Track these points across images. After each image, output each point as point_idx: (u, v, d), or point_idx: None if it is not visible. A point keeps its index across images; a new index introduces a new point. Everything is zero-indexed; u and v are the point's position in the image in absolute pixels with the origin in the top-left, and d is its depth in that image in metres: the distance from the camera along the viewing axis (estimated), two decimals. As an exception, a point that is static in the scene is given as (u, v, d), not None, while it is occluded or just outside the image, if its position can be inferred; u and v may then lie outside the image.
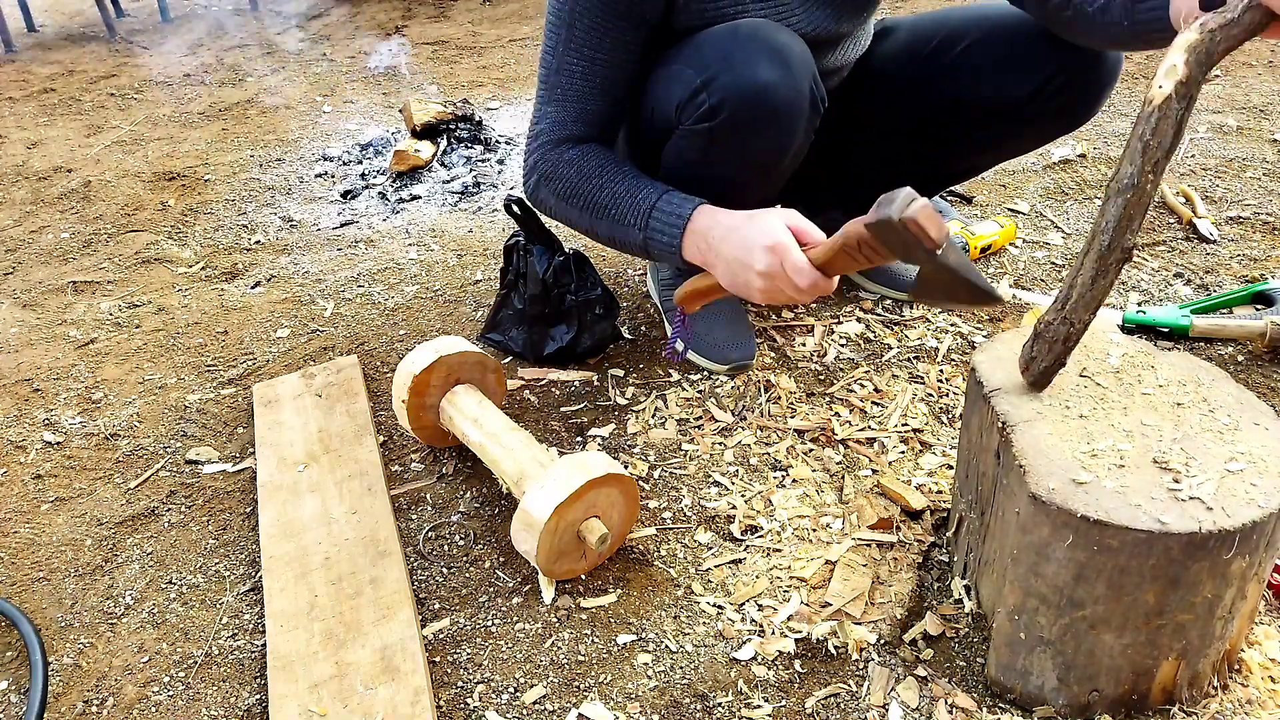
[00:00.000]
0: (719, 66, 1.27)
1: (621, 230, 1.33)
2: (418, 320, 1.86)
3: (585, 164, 1.36)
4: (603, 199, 1.33)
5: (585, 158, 1.37)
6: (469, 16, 4.21)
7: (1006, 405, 1.01)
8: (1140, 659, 0.95)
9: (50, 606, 1.26)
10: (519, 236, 1.64)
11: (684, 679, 1.09)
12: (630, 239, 1.33)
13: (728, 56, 1.27)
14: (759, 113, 1.28)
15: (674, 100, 1.33)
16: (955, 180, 1.86)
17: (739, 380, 1.58)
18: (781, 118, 1.30)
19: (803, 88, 1.29)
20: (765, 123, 1.29)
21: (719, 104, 1.28)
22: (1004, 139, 1.61)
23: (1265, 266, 1.84)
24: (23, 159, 2.87)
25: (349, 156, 2.71)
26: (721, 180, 1.36)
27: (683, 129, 1.34)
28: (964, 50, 1.53)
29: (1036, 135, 1.59)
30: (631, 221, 1.30)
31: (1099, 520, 0.87)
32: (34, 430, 1.62)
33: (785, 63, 1.27)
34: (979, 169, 1.78)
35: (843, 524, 1.28)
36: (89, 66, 3.81)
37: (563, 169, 1.37)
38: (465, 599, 1.22)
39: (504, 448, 1.29)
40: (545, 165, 1.39)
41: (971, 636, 1.10)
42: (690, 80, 1.30)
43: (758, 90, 1.26)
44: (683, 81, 1.31)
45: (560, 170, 1.37)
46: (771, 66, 1.26)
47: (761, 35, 1.27)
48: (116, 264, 2.19)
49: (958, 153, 1.67)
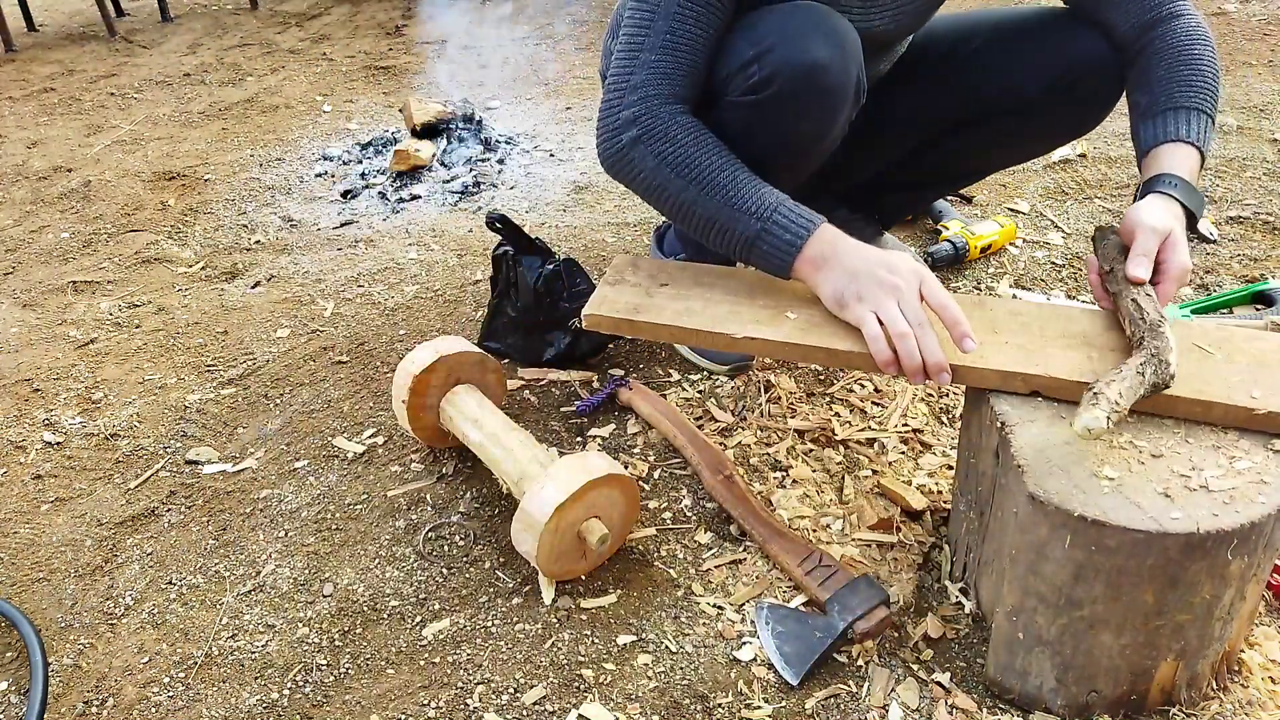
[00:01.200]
0: (774, 39, 1.25)
1: (732, 215, 1.20)
2: (418, 320, 1.86)
3: (704, 136, 1.23)
4: (722, 179, 1.22)
5: (703, 130, 1.24)
6: (469, 16, 4.20)
7: (1006, 405, 1.02)
8: (1139, 659, 0.95)
9: (50, 607, 1.26)
10: (506, 247, 1.64)
11: (684, 679, 1.09)
12: (740, 226, 1.20)
13: (783, 31, 1.25)
14: (809, 90, 1.26)
15: (723, 71, 1.30)
16: (961, 182, 1.86)
17: (739, 380, 1.58)
18: (829, 99, 1.28)
19: (852, 72, 1.28)
20: (813, 101, 1.28)
21: (770, 77, 1.26)
22: (1011, 141, 1.60)
23: (1265, 266, 1.84)
24: (23, 159, 2.88)
25: (349, 156, 2.71)
26: (755, 160, 1.35)
27: (728, 100, 1.31)
28: (975, 50, 1.53)
29: (1044, 138, 1.59)
30: (753, 209, 1.19)
31: (1097, 520, 0.87)
32: (34, 430, 1.62)
33: (839, 45, 1.26)
34: (985, 171, 1.78)
35: (843, 524, 1.28)
36: (89, 66, 3.81)
37: (677, 131, 1.22)
38: (465, 599, 1.22)
39: (504, 448, 1.29)
40: (652, 121, 1.23)
41: (971, 637, 1.11)
42: (743, 52, 1.27)
43: (811, 67, 1.24)
44: (735, 53, 1.29)
45: (674, 132, 1.23)
46: (826, 46, 1.25)
47: (818, 16, 1.26)
48: (116, 264, 2.19)
49: (964, 153, 1.67)
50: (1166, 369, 0.93)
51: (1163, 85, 1.23)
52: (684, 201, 1.23)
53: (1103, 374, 0.99)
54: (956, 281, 1.86)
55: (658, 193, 1.27)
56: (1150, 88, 1.25)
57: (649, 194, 1.28)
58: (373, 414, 1.59)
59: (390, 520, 1.36)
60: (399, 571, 1.27)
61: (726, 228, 1.21)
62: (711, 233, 1.23)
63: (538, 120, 2.91)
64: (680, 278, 1.29)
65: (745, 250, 1.21)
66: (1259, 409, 0.94)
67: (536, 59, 3.53)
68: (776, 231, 1.18)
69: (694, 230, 1.25)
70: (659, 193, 1.26)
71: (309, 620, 1.20)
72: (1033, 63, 1.47)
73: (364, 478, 1.45)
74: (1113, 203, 2.13)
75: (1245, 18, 3.29)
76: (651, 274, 1.30)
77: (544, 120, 2.90)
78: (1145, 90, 1.26)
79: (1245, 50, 3.01)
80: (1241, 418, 0.95)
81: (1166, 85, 1.23)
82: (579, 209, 2.30)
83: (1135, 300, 1.04)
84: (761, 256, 1.20)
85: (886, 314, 1.07)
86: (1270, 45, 3.02)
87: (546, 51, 3.62)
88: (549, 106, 3.03)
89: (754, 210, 1.19)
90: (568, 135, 2.77)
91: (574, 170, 2.53)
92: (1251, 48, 3.01)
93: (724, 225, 1.21)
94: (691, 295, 1.24)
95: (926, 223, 2.06)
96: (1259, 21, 3.24)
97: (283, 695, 1.11)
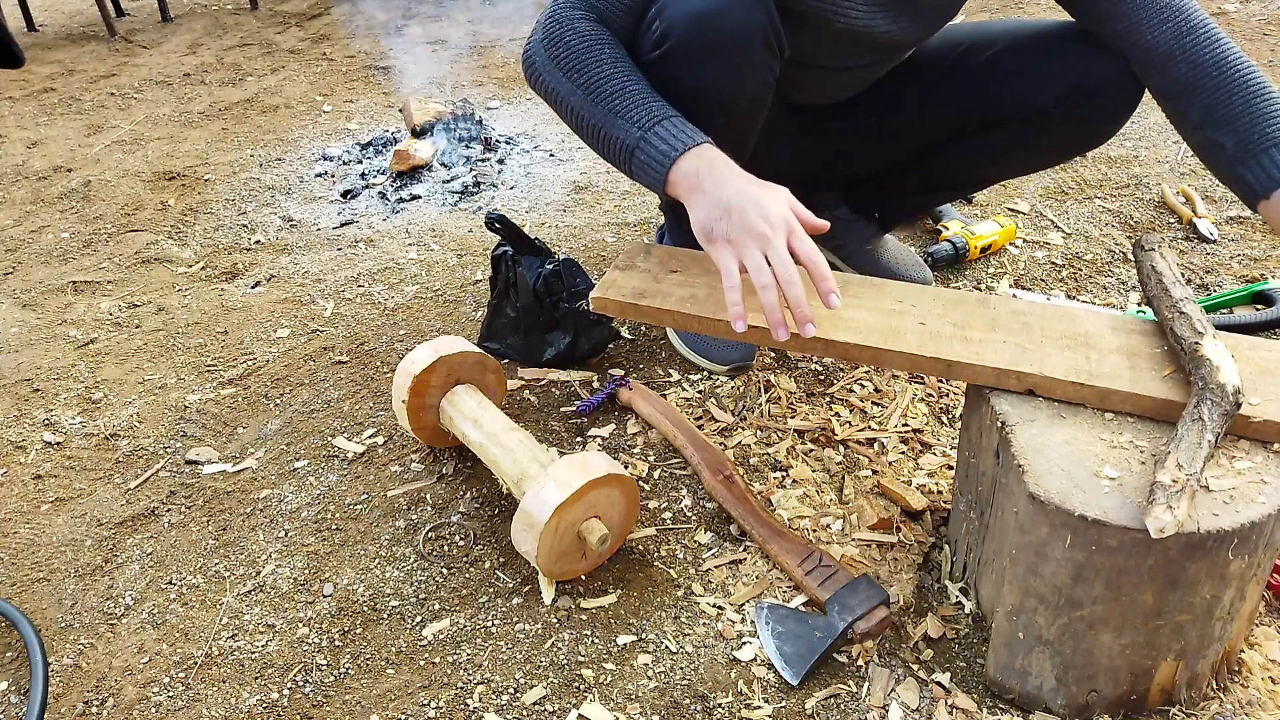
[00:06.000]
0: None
1: (614, 123, 1.19)
2: (418, 320, 1.86)
3: (603, 43, 1.23)
4: (610, 88, 1.21)
5: (604, 38, 1.24)
6: (469, 16, 4.20)
7: (1006, 405, 1.02)
8: (1138, 659, 0.95)
9: (50, 607, 1.26)
10: (505, 247, 1.64)
11: (684, 679, 1.09)
12: (620, 135, 1.19)
13: None
14: (705, 37, 1.25)
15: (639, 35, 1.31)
16: (966, 190, 1.84)
17: (739, 380, 1.58)
18: (729, 46, 1.27)
19: (750, 18, 1.27)
20: (711, 50, 1.27)
21: (667, 30, 1.26)
22: (1020, 151, 1.58)
23: (1265, 266, 1.84)
24: (23, 159, 2.88)
25: (349, 156, 2.71)
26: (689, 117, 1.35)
27: (642, 61, 1.30)
28: (990, 57, 1.51)
29: (1054, 150, 1.57)
30: (634, 119, 1.18)
31: (1097, 520, 0.87)
32: (34, 430, 1.62)
33: None
34: (990, 180, 1.76)
35: (843, 524, 1.28)
36: (89, 66, 3.81)
37: (572, 38, 1.23)
38: (465, 599, 1.22)
39: (504, 448, 1.29)
40: (556, 27, 1.24)
41: (971, 637, 1.11)
42: (648, 10, 1.29)
43: (700, 14, 1.24)
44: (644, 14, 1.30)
45: (569, 39, 1.23)
46: None
47: None
48: (116, 264, 2.19)
49: (971, 161, 1.65)
50: (1224, 393, 0.91)
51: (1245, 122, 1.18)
52: (573, 106, 1.23)
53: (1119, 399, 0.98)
54: (956, 281, 1.86)
55: (551, 99, 1.27)
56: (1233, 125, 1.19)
57: (549, 101, 1.28)
58: (373, 414, 1.59)
59: (390, 520, 1.36)
60: (399, 571, 1.27)
61: (610, 135, 1.20)
62: (598, 143, 1.23)
63: (538, 120, 2.91)
64: (691, 265, 1.29)
65: (626, 160, 1.19)
66: (1255, 417, 0.94)
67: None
68: (655, 141, 1.16)
69: (588, 141, 1.26)
70: (552, 99, 1.27)
71: (309, 620, 1.20)
72: (1048, 75, 1.45)
73: (364, 478, 1.45)
74: (1112, 203, 2.13)
75: (1245, 18, 3.29)
76: (662, 260, 1.31)
77: (544, 120, 2.90)
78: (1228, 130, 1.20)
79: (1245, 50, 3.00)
80: (1239, 426, 0.95)
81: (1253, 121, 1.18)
82: (579, 209, 2.30)
83: (1173, 328, 1.02)
84: (640, 168, 1.18)
85: (751, 262, 1.06)
86: (1270, 45, 3.02)
87: (546, 51, 3.62)
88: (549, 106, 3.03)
89: (636, 119, 1.17)
90: (568, 135, 2.77)
91: (574, 170, 2.53)
92: (1251, 48, 3.01)
93: (607, 133, 1.20)
94: (698, 283, 1.24)
95: (926, 223, 2.06)
96: (1259, 21, 3.25)
97: (283, 695, 1.11)
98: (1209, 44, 1.22)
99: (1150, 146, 2.39)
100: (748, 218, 1.07)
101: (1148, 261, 1.15)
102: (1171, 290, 1.08)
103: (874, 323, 1.13)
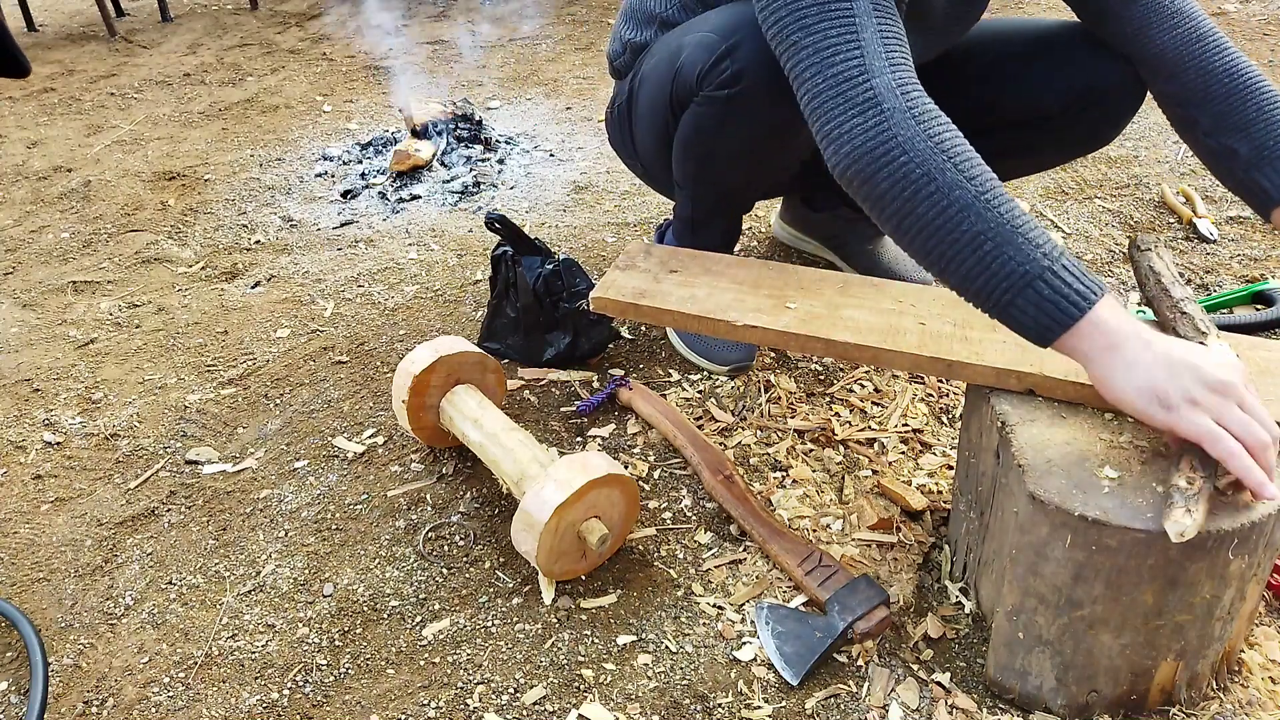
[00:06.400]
0: (745, 33, 1.25)
1: (1015, 241, 0.94)
2: (418, 320, 1.86)
3: (964, 153, 0.98)
4: (1006, 198, 0.97)
5: (959, 140, 1.00)
6: (469, 16, 4.20)
7: (1006, 405, 1.02)
8: (1138, 659, 0.95)
9: (50, 607, 1.26)
10: (505, 247, 1.64)
11: (684, 679, 1.09)
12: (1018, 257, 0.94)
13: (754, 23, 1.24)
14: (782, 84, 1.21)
15: (697, 66, 1.30)
16: None
17: (739, 380, 1.58)
18: None
19: None
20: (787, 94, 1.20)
21: (742, 70, 1.26)
22: (1023, 153, 1.58)
23: (1265, 266, 1.84)
24: (23, 159, 2.88)
25: (349, 156, 2.71)
26: (732, 155, 1.32)
27: (703, 95, 1.31)
28: (994, 60, 1.51)
29: (1057, 152, 1.57)
30: (1038, 243, 0.94)
31: (1097, 520, 0.87)
32: (34, 430, 1.62)
33: None
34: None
35: (843, 524, 1.28)
36: (89, 66, 3.81)
37: (937, 157, 0.97)
38: (465, 599, 1.22)
39: (504, 448, 1.29)
40: (927, 116, 1.00)
41: (971, 637, 1.11)
42: (715, 46, 1.28)
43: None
44: (707, 47, 1.29)
45: (950, 134, 0.99)
46: None
47: None
48: (116, 264, 2.19)
49: None
50: None
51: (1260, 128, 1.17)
52: (961, 206, 0.96)
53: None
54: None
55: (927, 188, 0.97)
56: (1247, 131, 1.17)
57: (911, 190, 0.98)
58: (373, 414, 1.59)
59: (390, 520, 1.36)
60: (399, 571, 1.27)
61: (1002, 254, 0.94)
62: (973, 255, 0.96)
63: (538, 120, 2.91)
64: (690, 266, 1.29)
65: (1015, 286, 0.94)
66: None
67: (536, 59, 3.53)
68: (1066, 278, 0.93)
69: (943, 250, 0.97)
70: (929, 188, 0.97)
71: (309, 620, 1.20)
72: (1053, 79, 1.45)
73: (364, 478, 1.45)
74: (1112, 203, 2.13)
75: (1245, 18, 3.29)
76: (663, 260, 1.31)
77: (544, 120, 2.90)
78: (1242, 136, 1.18)
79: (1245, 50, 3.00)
80: None
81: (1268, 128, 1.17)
82: (579, 209, 2.30)
83: (1175, 329, 1.02)
84: (1033, 301, 0.93)
85: (1235, 419, 0.87)
86: (1270, 45, 3.02)
87: (546, 51, 3.62)
88: (549, 106, 3.03)
89: (1039, 243, 0.94)
90: (568, 135, 2.77)
91: (574, 170, 2.53)
92: (1251, 48, 3.01)
93: (999, 250, 0.95)
94: (698, 283, 1.25)
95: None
96: (1259, 21, 3.25)
97: (283, 695, 1.11)
98: (1218, 52, 1.22)
99: (1150, 146, 2.39)
100: (1202, 371, 0.90)
101: (1145, 262, 1.15)
102: (1171, 290, 1.08)
103: (874, 323, 1.13)
